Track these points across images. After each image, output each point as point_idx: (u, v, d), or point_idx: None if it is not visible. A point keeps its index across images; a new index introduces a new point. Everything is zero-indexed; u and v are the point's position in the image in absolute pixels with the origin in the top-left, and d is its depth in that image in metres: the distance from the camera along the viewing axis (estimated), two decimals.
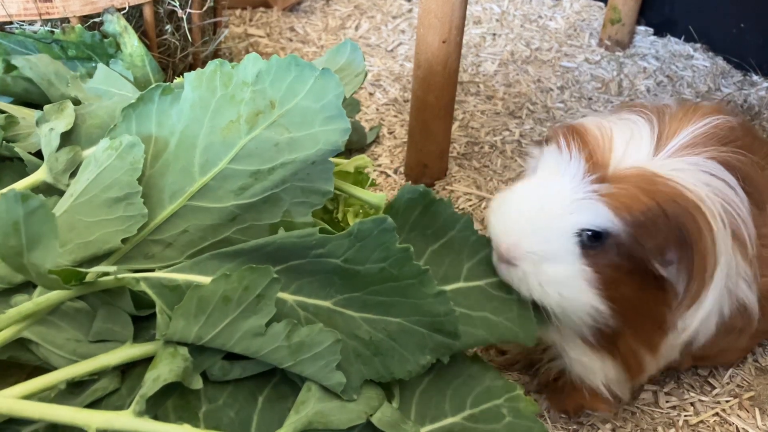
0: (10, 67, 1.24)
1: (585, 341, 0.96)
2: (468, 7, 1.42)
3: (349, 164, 1.15)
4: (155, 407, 0.82)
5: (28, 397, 0.79)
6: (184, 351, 0.82)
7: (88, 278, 0.83)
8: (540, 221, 0.91)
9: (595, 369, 0.99)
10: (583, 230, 0.89)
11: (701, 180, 0.89)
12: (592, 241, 0.89)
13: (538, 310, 0.95)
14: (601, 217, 0.87)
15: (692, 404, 1.16)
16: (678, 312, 0.92)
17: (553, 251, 0.90)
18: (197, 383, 0.83)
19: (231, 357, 0.87)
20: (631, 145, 0.90)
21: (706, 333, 0.96)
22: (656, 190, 0.86)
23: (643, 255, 0.87)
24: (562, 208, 0.89)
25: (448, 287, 0.98)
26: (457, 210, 1.04)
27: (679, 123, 0.93)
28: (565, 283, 0.91)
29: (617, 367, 0.98)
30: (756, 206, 0.96)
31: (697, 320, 0.93)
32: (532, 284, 0.93)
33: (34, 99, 1.24)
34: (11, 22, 1.31)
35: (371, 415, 0.85)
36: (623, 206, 0.86)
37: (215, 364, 0.86)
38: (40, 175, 1.00)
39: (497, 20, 2.22)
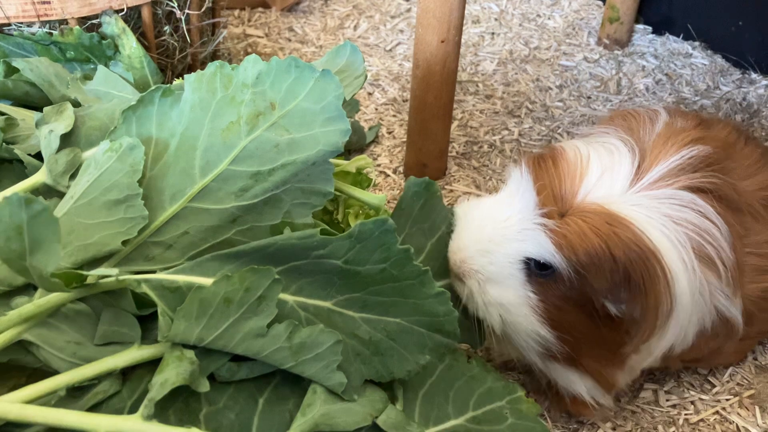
0: (11, 70, 1.24)
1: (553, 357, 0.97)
2: (466, 6, 1.42)
3: (350, 164, 1.15)
4: (160, 411, 0.82)
5: (33, 401, 0.79)
6: (190, 354, 0.82)
7: (89, 280, 0.83)
8: (487, 243, 0.93)
9: (574, 380, 1.00)
10: (529, 258, 0.90)
11: (670, 216, 0.88)
12: (540, 269, 0.90)
13: None
14: (545, 250, 0.88)
15: (692, 403, 1.16)
16: (634, 344, 0.93)
17: (497, 274, 0.92)
18: (204, 386, 0.83)
19: (236, 358, 0.87)
20: (606, 176, 0.90)
21: (684, 345, 0.97)
22: (610, 232, 0.85)
23: (591, 292, 0.88)
24: (509, 234, 0.91)
25: (444, 282, 1.00)
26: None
27: (659, 151, 0.93)
28: (507, 307, 0.93)
29: (591, 379, 0.99)
30: (739, 217, 0.96)
31: (660, 349, 0.95)
32: (477, 302, 0.95)
33: (35, 102, 1.24)
34: (9, 24, 1.31)
35: (377, 417, 0.85)
36: (568, 244, 0.86)
37: (223, 366, 0.86)
38: (39, 177, 1.00)
39: (496, 19, 2.22)
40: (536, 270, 0.91)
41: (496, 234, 0.92)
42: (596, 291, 0.87)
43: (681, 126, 1.02)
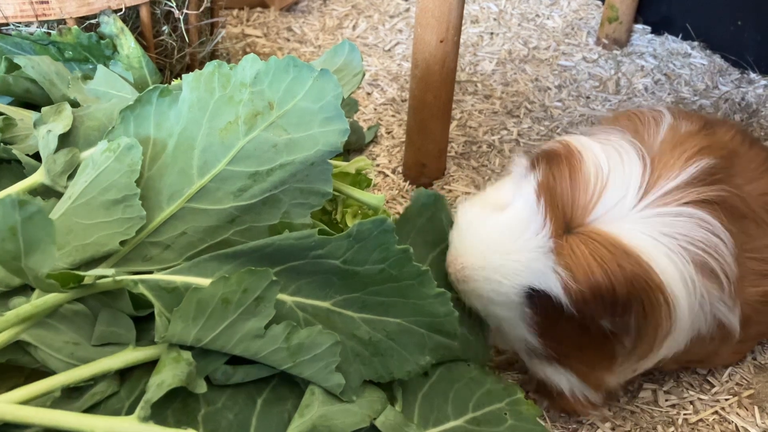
0: (12, 67, 1.24)
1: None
2: (465, 6, 1.42)
3: (349, 166, 1.15)
4: (158, 411, 0.82)
5: (29, 401, 0.78)
6: (187, 355, 0.82)
7: (86, 281, 0.82)
8: (493, 273, 0.92)
9: (557, 379, 1.01)
10: (531, 288, 0.91)
11: (676, 237, 0.87)
12: (539, 292, 0.90)
13: None
14: (551, 286, 0.87)
15: (691, 403, 1.16)
16: (628, 359, 0.94)
17: (498, 300, 0.93)
18: (201, 387, 0.83)
19: (233, 360, 0.87)
20: (617, 193, 0.88)
21: (675, 351, 0.98)
22: (615, 265, 0.84)
23: (589, 315, 0.88)
24: (516, 267, 0.90)
25: None
26: (455, 209, 1.05)
27: (667, 162, 0.92)
28: (504, 320, 0.96)
29: (577, 377, 1.00)
30: (743, 223, 0.97)
31: (653, 361, 0.97)
32: (476, 309, 0.98)
33: (35, 99, 1.24)
34: (8, 24, 1.31)
35: (375, 419, 0.85)
36: (573, 279, 0.85)
37: (218, 369, 0.86)
38: (37, 177, 0.99)
39: (495, 19, 2.21)
40: (537, 293, 0.91)
41: (502, 265, 0.91)
42: (595, 316, 0.88)
43: (686, 130, 1.02)
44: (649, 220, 0.87)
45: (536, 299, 0.91)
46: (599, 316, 0.88)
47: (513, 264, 0.90)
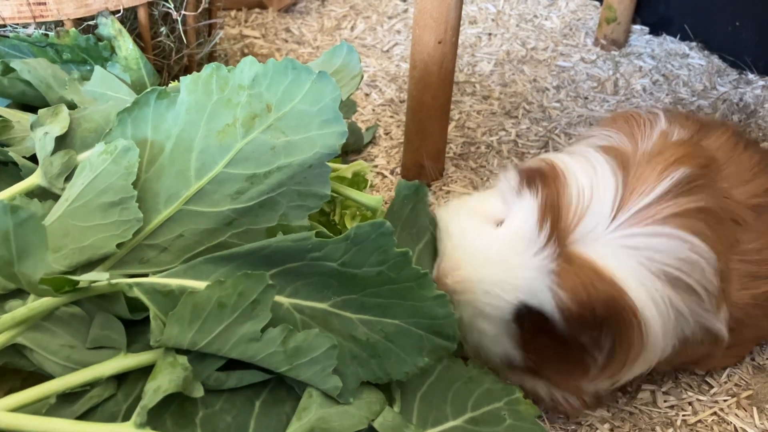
0: (7, 69, 1.24)
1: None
2: (463, 6, 1.42)
3: (346, 170, 1.15)
4: (155, 416, 0.81)
5: (21, 408, 0.78)
6: (183, 360, 0.82)
7: (80, 284, 0.82)
8: (492, 285, 0.93)
9: (534, 386, 1.03)
10: (524, 304, 0.92)
11: (650, 257, 0.89)
12: (532, 309, 0.92)
13: None
14: (547, 305, 0.90)
15: (690, 404, 1.15)
16: (600, 375, 0.96)
17: (491, 313, 0.94)
18: (198, 391, 0.82)
19: (229, 363, 0.87)
20: (593, 215, 0.90)
21: (650, 365, 0.99)
22: (595, 289, 0.87)
23: (568, 331, 0.91)
24: (517, 284, 0.92)
25: None
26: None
27: (641, 176, 0.93)
28: (489, 336, 0.96)
29: (554, 385, 1.02)
30: (728, 230, 0.97)
31: (628, 377, 0.99)
32: (461, 321, 0.96)
33: (31, 101, 1.24)
34: (5, 26, 1.31)
35: (373, 420, 0.85)
36: (566, 300, 0.88)
37: (211, 375, 0.86)
38: (34, 180, 0.99)
39: (493, 20, 2.21)
40: (529, 310, 0.92)
41: (503, 280, 0.92)
42: (575, 333, 0.91)
43: (673, 139, 1.02)
44: (621, 241, 0.89)
45: (527, 316, 0.92)
46: (579, 333, 0.90)
47: (514, 280, 0.92)
